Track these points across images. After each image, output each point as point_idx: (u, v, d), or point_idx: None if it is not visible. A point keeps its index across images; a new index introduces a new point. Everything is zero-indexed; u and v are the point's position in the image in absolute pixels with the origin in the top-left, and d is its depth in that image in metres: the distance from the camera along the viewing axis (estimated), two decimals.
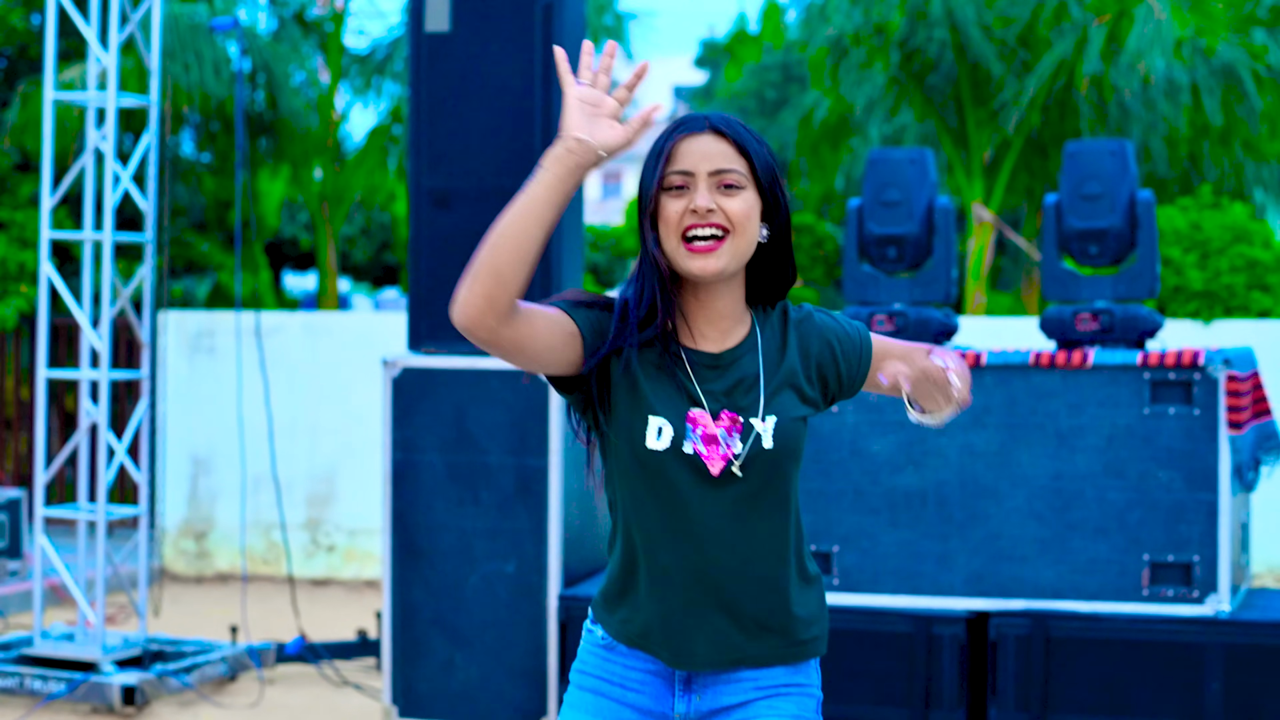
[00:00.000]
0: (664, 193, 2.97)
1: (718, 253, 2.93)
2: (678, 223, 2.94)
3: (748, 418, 2.97)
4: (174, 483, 11.19)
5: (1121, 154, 6.36)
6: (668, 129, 3.01)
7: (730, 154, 2.96)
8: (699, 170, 2.94)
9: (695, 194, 2.93)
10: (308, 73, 15.18)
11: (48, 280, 7.93)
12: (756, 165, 2.97)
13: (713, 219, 2.93)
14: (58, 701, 7.50)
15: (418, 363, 6.59)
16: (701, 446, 2.96)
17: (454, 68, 6.59)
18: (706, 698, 3.08)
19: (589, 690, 3.12)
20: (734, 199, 2.94)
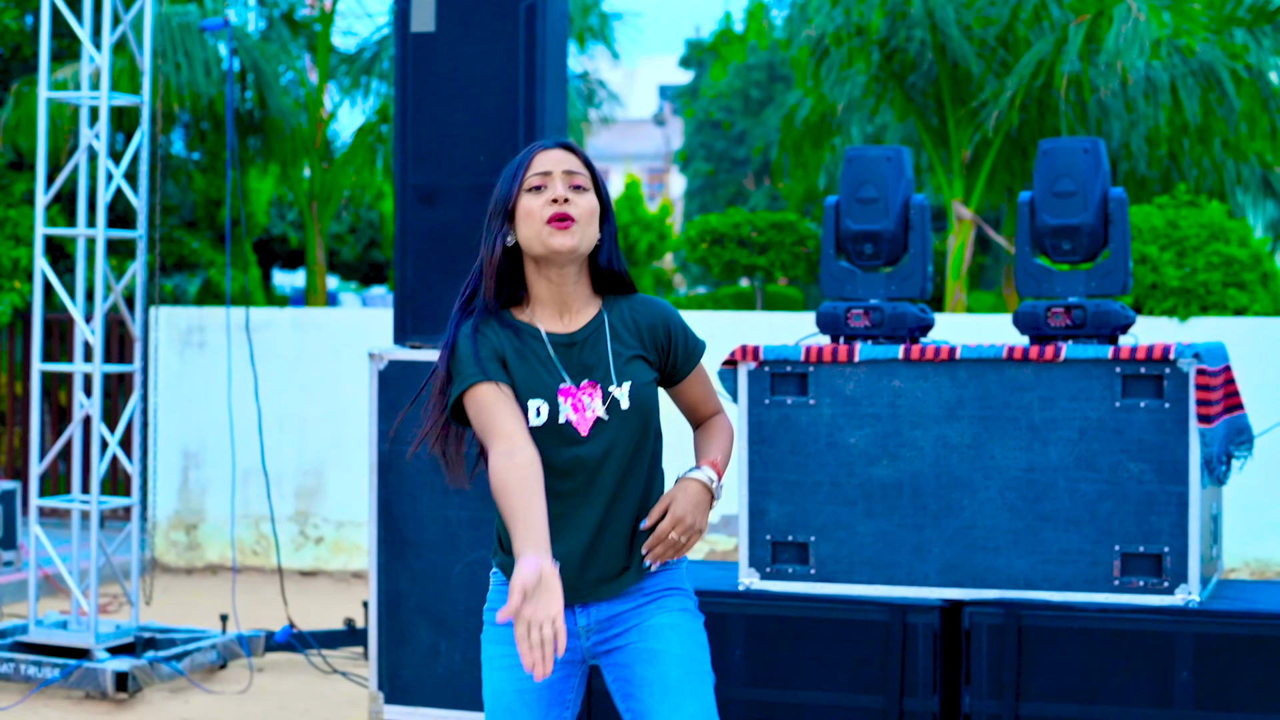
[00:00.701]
0: (525, 194, 3.64)
1: (573, 230, 3.59)
2: (540, 212, 3.60)
3: (606, 386, 3.63)
4: (165, 476, 11.28)
5: (1095, 151, 6.45)
6: (525, 150, 3.73)
7: (576, 162, 3.68)
8: (555, 170, 3.64)
9: (554, 187, 3.62)
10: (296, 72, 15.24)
11: (42, 275, 8.04)
12: (595, 175, 3.71)
13: (568, 208, 3.60)
14: (52, 687, 7.63)
15: (403, 355, 6.70)
16: (572, 415, 3.61)
17: (439, 67, 6.70)
18: (600, 608, 3.71)
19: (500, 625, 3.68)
20: (581, 197, 3.64)
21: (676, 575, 3.79)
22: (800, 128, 15.83)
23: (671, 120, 51.48)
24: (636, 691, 3.68)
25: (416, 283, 6.71)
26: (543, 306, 3.70)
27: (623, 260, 3.76)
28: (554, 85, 6.71)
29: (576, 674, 3.79)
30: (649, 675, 3.66)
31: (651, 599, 3.73)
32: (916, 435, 6.23)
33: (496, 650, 3.73)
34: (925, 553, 6.23)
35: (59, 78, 12.71)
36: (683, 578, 3.80)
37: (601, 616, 3.72)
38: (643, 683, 3.67)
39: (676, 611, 3.73)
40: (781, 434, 6.26)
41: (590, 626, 3.72)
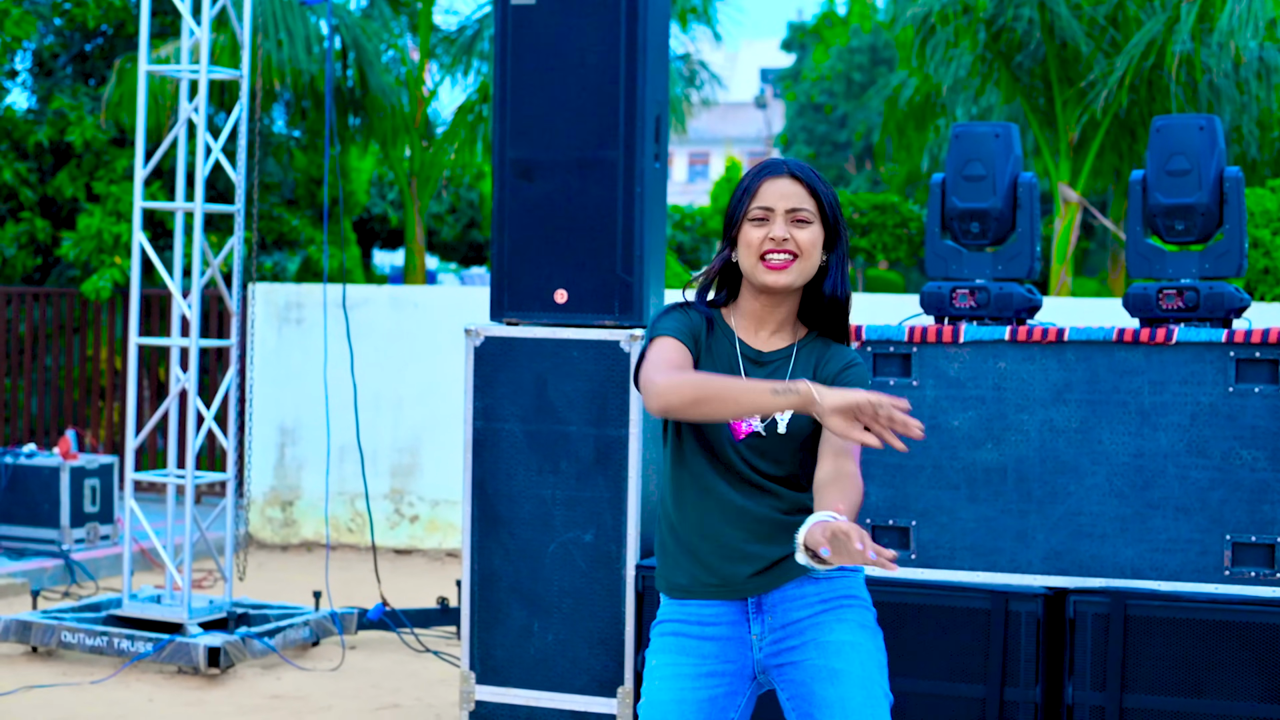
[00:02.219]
0: (748, 222, 3.69)
1: (789, 270, 3.67)
2: (757, 246, 3.67)
3: None
4: (261, 452, 11.29)
5: (1210, 129, 6.28)
6: (752, 171, 3.76)
7: (803, 194, 3.69)
8: (777, 207, 3.67)
9: (773, 226, 3.66)
10: (397, 50, 15.22)
11: (140, 249, 8.03)
12: (824, 204, 3.71)
13: (786, 246, 3.66)
14: (144, 661, 7.63)
15: (500, 332, 6.62)
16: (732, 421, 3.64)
17: (539, 40, 6.61)
18: (776, 615, 3.67)
19: (669, 634, 3.72)
20: (804, 231, 3.68)
21: (855, 582, 3.75)
22: (904, 108, 15.65)
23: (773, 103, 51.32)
24: (815, 712, 3.65)
25: (514, 258, 6.63)
26: (744, 318, 3.78)
27: (847, 290, 3.78)
28: (655, 61, 6.61)
29: (745, 691, 3.75)
30: (829, 696, 3.63)
31: (829, 608, 3.69)
32: (1022, 419, 6.12)
33: (661, 660, 3.73)
34: (1029, 539, 6.11)
35: (161, 54, 12.75)
36: (862, 585, 3.77)
37: (776, 624, 3.68)
38: (823, 704, 3.63)
39: (856, 627, 3.69)
40: None
41: (764, 635, 3.69)
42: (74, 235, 13.26)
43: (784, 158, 3.79)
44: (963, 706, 5.99)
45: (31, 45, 14.69)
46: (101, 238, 13.07)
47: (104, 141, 13.68)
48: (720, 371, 3.71)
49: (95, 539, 10.18)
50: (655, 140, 6.60)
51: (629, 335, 6.45)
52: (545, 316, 6.57)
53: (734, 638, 3.69)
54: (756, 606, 3.68)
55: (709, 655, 3.69)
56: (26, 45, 14.53)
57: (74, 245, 13.19)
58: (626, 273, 6.50)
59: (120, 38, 14.56)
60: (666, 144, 6.72)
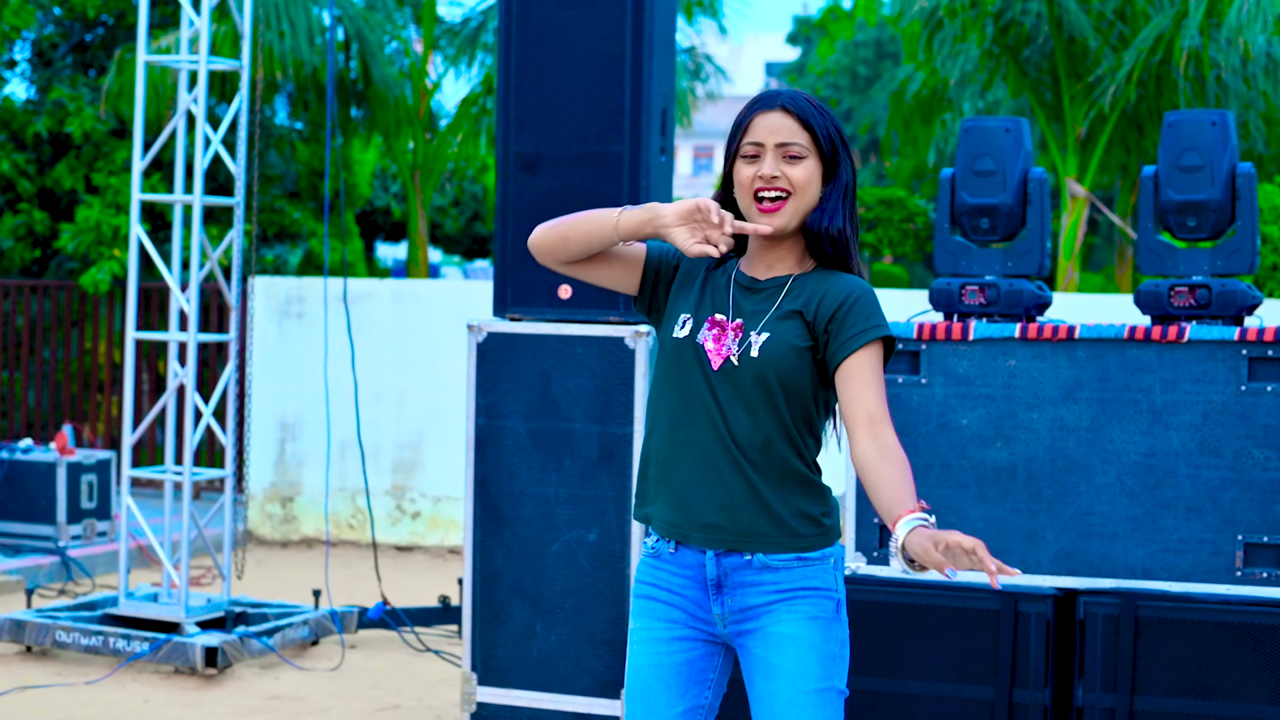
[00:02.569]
0: (740, 159, 3.58)
1: (780, 211, 3.54)
2: (749, 185, 3.56)
3: (749, 329, 3.54)
4: (261, 447, 11.22)
5: (1223, 124, 6.20)
6: (746, 106, 3.63)
7: (795, 128, 3.55)
8: (767, 142, 3.55)
9: (763, 162, 3.54)
10: (401, 42, 15.15)
11: (138, 241, 7.94)
12: (819, 137, 3.56)
13: (777, 184, 3.54)
14: (140, 661, 7.55)
15: (503, 328, 6.55)
16: (711, 343, 3.56)
17: (543, 32, 6.53)
18: (735, 598, 3.58)
19: (643, 597, 3.67)
20: (796, 167, 3.55)
21: (819, 571, 3.60)
22: (910, 102, 15.56)
23: None
24: (751, 703, 3.63)
25: (517, 253, 6.55)
26: (751, 255, 3.66)
27: (842, 223, 3.60)
28: (662, 53, 6.53)
29: (718, 654, 3.69)
30: (762, 690, 3.58)
31: (784, 597, 3.57)
32: (1032, 417, 6.04)
33: (637, 624, 3.69)
34: (1039, 539, 6.04)
35: (161, 45, 12.67)
36: (827, 574, 3.61)
37: (735, 607, 3.59)
38: (756, 697, 3.60)
39: (804, 620, 3.56)
40: (892, 413, 6.03)
41: (724, 616, 3.61)
42: (73, 227, 13.19)
43: (781, 88, 3.69)
44: (971, 709, 5.92)
45: (31, 35, 14.61)
46: (100, 230, 12.98)
47: (103, 133, 13.60)
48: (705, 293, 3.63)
49: (92, 535, 10.10)
50: (661, 133, 6.52)
51: (634, 331, 6.37)
52: (549, 312, 6.50)
53: (701, 608, 3.62)
54: (717, 587, 3.59)
55: (678, 620, 3.63)
56: (26, 35, 14.46)
57: (73, 237, 13.11)
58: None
59: (120, 28, 14.48)
60: (672, 137, 6.65)
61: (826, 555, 3.60)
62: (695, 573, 3.61)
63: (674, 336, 3.61)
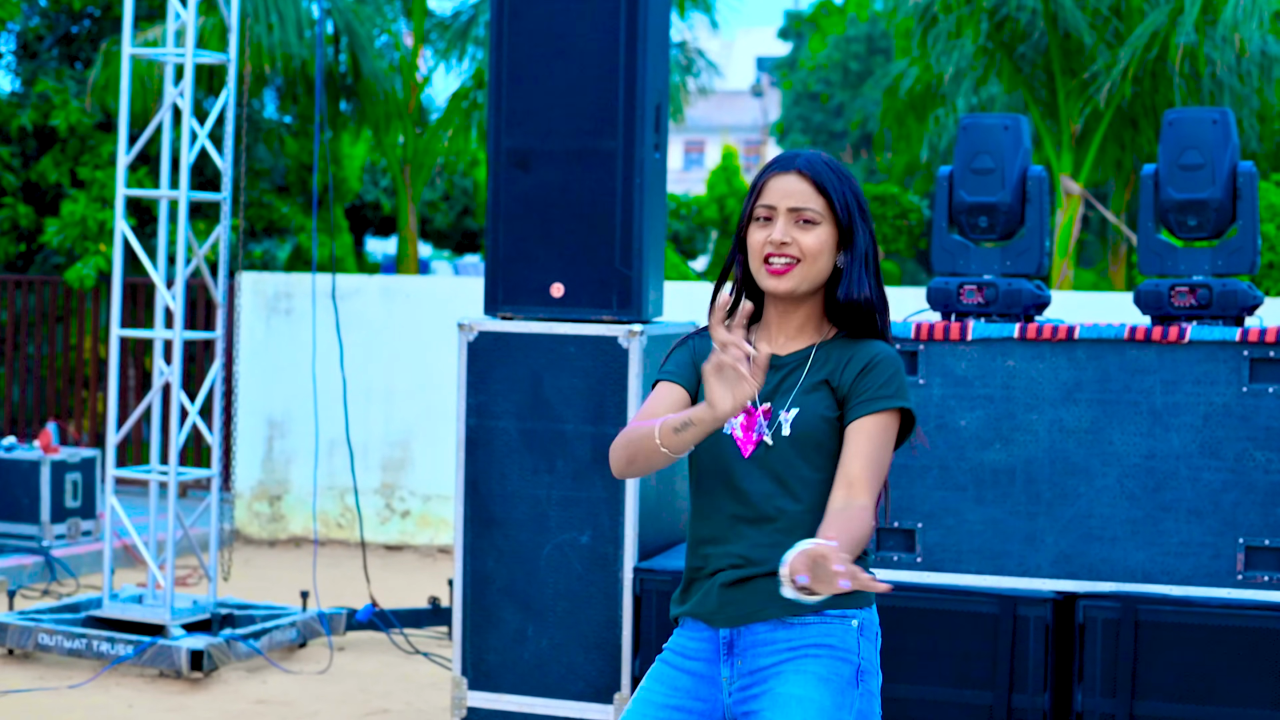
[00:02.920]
0: (753, 222, 3.48)
1: (789, 275, 3.43)
2: (759, 250, 3.46)
3: (777, 409, 3.43)
4: (248, 445, 11.12)
5: (1224, 123, 6.12)
6: (764, 166, 3.54)
7: (809, 193, 3.44)
8: (780, 206, 3.45)
9: (775, 227, 3.44)
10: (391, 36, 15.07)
11: (123, 237, 7.84)
12: (834, 202, 3.45)
13: (786, 250, 3.43)
14: (125, 664, 7.45)
15: (494, 327, 6.46)
16: (739, 431, 3.44)
17: (536, 26, 6.44)
18: (746, 660, 3.43)
19: (662, 660, 3.56)
20: (808, 233, 3.43)
21: (833, 630, 3.42)
22: (904, 98, 15.48)
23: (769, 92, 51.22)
24: None
25: (509, 250, 6.46)
26: (767, 327, 3.54)
27: (869, 291, 3.47)
28: (655, 49, 6.44)
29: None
30: None
31: (793, 656, 3.39)
32: (1031, 418, 5.97)
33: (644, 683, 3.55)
34: (1038, 542, 5.97)
35: (148, 37, 12.56)
36: (848, 634, 3.43)
37: (744, 669, 3.43)
38: None
39: (814, 681, 3.36)
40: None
41: (733, 679, 3.44)
42: (58, 222, 13.08)
43: (800, 150, 3.56)
44: (969, 713, 5.85)
45: (16, 27, 14.50)
46: (86, 224, 12.88)
47: (89, 126, 13.49)
48: None
49: (76, 535, 9.99)
50: (655, 130, 6.43)
51: (627, 330, 6.28)
52: (541, 311, 6.41)
53: (708, 676, 3.47)
54: (728, 648, 3.45)
55: (682, 689, 3.49)
56: (11, 27, 14.35)
57: (58, 232, 13.01)
58: (625, 266, 6.33)
59: (107, 20, 14.38)
60: (666, 134, 6.56)
61: (848, 615, 3.43)
62: (710, 635, 3.48)
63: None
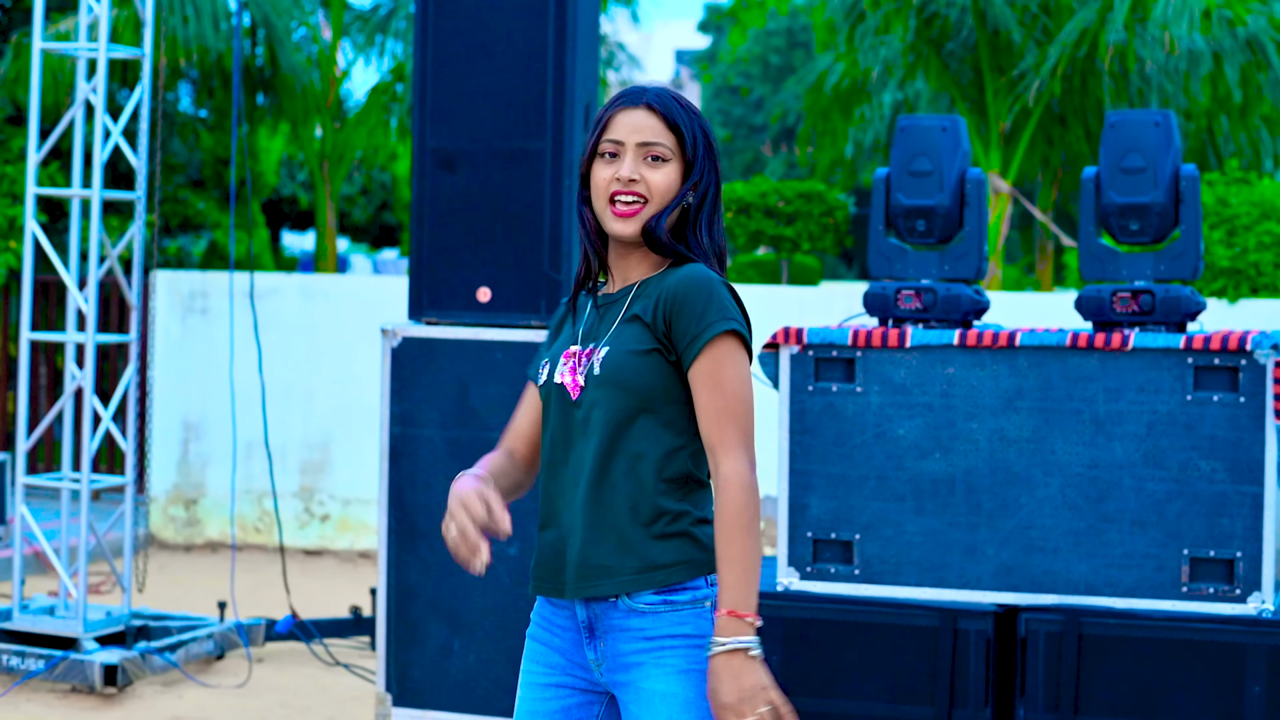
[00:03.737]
0: (598, 159, 3.28)
1: (637, 216, 3.24)
2: (605, 188, 3.25)
3: (594, 348, 3.26)
4: (164, 448, 10.89)
5: (1166, 125, 6.02)
6: (610, 100, 3.32)
7: (659, 128, 3.26)
8: (628, 141, 3.26)
9: (623, 163, 3.25)
10: (309, 28, 14.87)
11: (33, 237, 7.60)
12: (685, 139, 3.27)
13: (634, 188, 3.24)
14: (36, 680, 7.21)
15: (419, 332, 6.28)
16: (567, 377, 3.28)
17: (462, 24, 6.26)
18: (608, 643, 3.28)
19: (532, 637, 3.40)
20: (657, 170, 3.25)
21: (689, 617, 3.26)
22: (829, 94, 15.38)
23: (689, 85, 51.15)
24: None
25: (434, 254, 6.28)
26: (612, 268, 3.36)
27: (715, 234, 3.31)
28: (585, 47, 6.27)
29: (598, 703, 3.38)
30: None
31: (652, 648, 3.24)
32: (971, 427, 5.86)
33: (524, 665, 3.42)
34: (979, 554, 5.86)
35: (61, 29, 12.28)
36: (701, 618, 3.26)
37: (608, 652, 3.28)
38: None
39: (675, 675, 3.23)
40: (826, 423, 5.86)
41: (600, 661, 3.30)
42: None
43: (647, 85, 3.36)
44: None
45: None
46: None
47: (0, 120, 13.19)
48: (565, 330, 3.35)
49: None
50: (584, 130, 6.26)
51: None
52: (467, 316, 6.24)
53: (578, 652, 3.32)
54: (589, 631, 3.29)
55: (556, 666, 3.34)
56: None
57: None
58: (554, 270, 6.16)
59: (17, 11, 14.08)
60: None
61: (699, 597, 3.26)
62: (569, 615, 3.33)
63: (538, 385, 3.36)
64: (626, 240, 3.28)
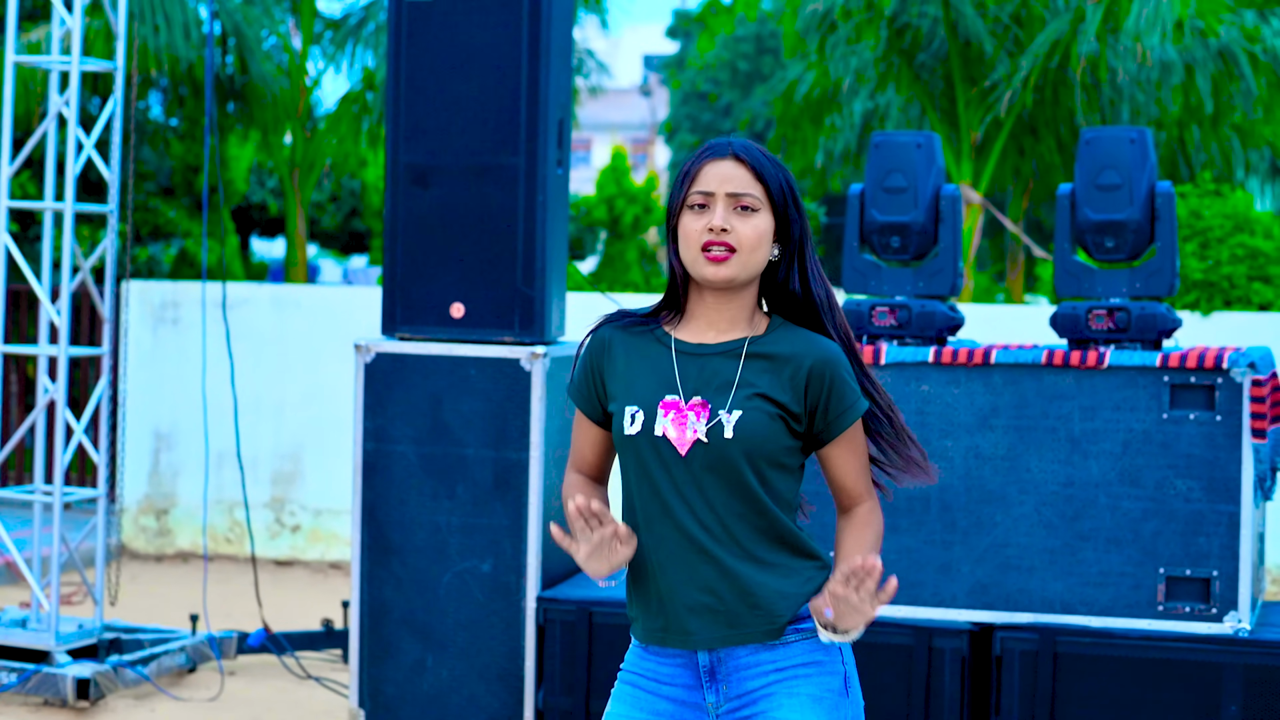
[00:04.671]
0: (686, 210, 3.32)
1: (729, 263, 3.27)
2: (697, 238, 3.29)
3: (716, 408, 3.27)
4: (135, 458, 10.83)
5: (1142, 142, 6.03)
6: (695, 152, 3.38)
7: (748, 179, 3.31)
8: (718, 192, 3.30)
9: (713, 214, 3.28)
10: (279, 37, 14.79)
11: (4, 250, 7.55)
12: (771, 190, 3.31)
13: (725, 238, 3.28)
14: (8, 693, 7.16)
15: (392, 348, 6.26)
16: (671, 430, 3.28)
17: (435, 38, 6.24)
18: (732, 684, 3.30)
19: (629, 684, 3.39)
20: (747, 221, 3.29)
21: (817, 644, 3.32)
22: (799, 103, 15.39)
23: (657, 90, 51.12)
24: None
25: (408, 269, 6.26)
26: (693, 320, 3.39)
27: (811, 281, 3.38)
28: (558, 62, 6.26)
29: None
30: None
31: (783, 678, 3.29)
32: (946, 445, 5.87)
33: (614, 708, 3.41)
34: (953, 572, 5.87)
35: (33, 39, 12.21)
36: (831, 646, 3.33)
37: (731, 694, 3.31)
38: None
39: (808, 702, 3.27)
40: None
41: (719, 704, 3.32)
42: None
43: (731, 137, 3.42)
44: None
45: None
46: None
47: None
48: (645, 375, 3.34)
49: None
50: (558, 145, 6.26)
51: (530, 352, 6.10)
52: (441, 332, 6.23)
53: (690, 703, 3.33)
54: (710, 675, 3.31)
55: (664, 713, 3.34)
56: None
57: None
58: (528, 285, 6.15)
59: None
60: (569, 149, 6.39)
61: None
62: (687, 660, 3.34)
63: (625, 434, 3.33)
64: (719, 287, 3.30)
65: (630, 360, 3.37)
